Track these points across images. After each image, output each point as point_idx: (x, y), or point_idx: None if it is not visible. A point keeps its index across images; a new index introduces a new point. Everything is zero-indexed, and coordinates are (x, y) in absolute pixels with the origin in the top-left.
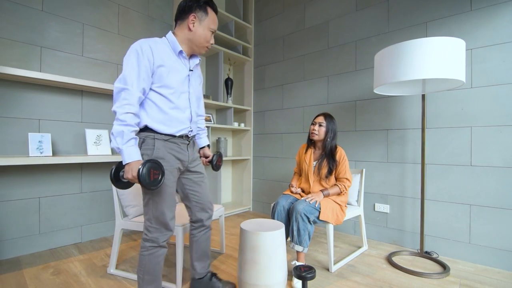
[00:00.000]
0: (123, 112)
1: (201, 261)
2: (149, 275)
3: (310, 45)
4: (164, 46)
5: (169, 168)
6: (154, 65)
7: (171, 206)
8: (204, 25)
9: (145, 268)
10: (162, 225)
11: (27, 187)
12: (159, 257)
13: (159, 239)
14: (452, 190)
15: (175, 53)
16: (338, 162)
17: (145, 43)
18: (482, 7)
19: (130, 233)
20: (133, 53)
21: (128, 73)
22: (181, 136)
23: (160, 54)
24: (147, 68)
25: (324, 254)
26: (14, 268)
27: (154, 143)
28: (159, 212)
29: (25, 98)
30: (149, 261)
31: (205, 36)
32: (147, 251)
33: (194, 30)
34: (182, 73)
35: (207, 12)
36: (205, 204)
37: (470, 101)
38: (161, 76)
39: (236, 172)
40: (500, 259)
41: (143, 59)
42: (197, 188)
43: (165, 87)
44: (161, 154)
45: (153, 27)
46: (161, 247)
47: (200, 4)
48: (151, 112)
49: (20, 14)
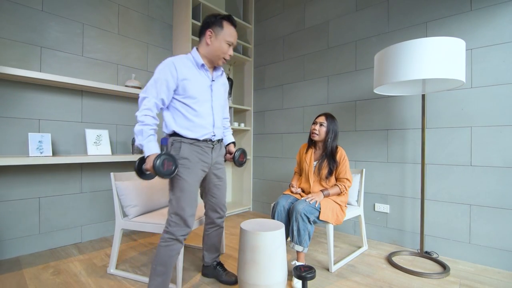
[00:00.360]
0: (142, 115)
1: (210, 252)
2: (161, 267)
3: (310, 45)
4: (188, 61)
5: (192, 167)
6: (178, 79)
7: (191, 204)
8: (220, 39)
9: (159, 259)
10: (182, 220)
11: (27, 187)
12: (173, 250)
13: (176, 233)
14: (452, 190)
15: (197, 66)
16: (338, 163)
17: (171, 61)
18: (482, 7)
19: (130, 233)
20: (159, 69)
21: (149, 85)
22: (205, 140)
23: (183, 70)
24: (168, 82)
25: (324, 254)
26: (14, 268)
27: (180, 146)
28: (179, 208)
29: (25, 98)
30: (164, 253)
31: (221, 49)
32: (164, 243)
33: (210, 44)
34: (204, 84)
35: (223, 26)
36: (218, 206)
37: (470, 101)
38: (185, 88)
39: (236, 172)
40: (500, 259)
41: (166, 74)
42: (215, 191)
43: (189, 97)
44: (186, 155)
45: (153, 27)
46: (178, 241)
47: (217, 20)
48: (178, 119)
49: (20, 14)
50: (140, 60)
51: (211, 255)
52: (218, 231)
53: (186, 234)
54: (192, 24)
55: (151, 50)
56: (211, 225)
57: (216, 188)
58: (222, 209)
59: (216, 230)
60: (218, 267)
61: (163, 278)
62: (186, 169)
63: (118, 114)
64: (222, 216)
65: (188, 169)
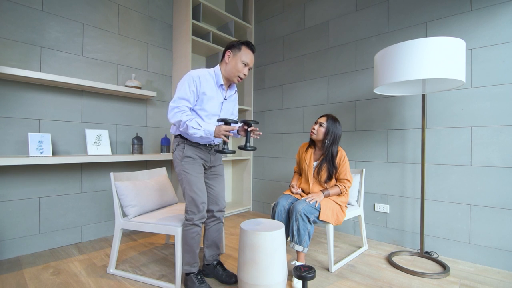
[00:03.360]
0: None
1: (210, 249)
2: (187, 246)
3: (310, 45)
4: (210, 78)
5: (194, 163)
6: (199, 92)
7: (200, 192)
8: (237, 58)
9: (184, 240)
10: (195, 207)
11: (27, 187)
12: (193, 233)
13: (193, 219)
14: (452, 190)
15: (217, 85)
16: (338, 165)
17: (196, 74)
18: (482, 7)
19: (130, 233)
20: (184, 79)
21: (177, 94)
22: (204, 145)
23: (204, 85)
24: (194, 92)
25: (324, 254)
26: (14, 268)
27: (184, 147)
28: (191, 197)
29: (25, 98)
30: (187, 235)
31: (237, 67)
32: (186, 227)
33: (228, 62)
34: (218, 101)
35: (241, 48)
36: (217, 198)
37: (470, 101)
38: (202, 101)
39: (236, 172)
40: (500, 259)
41: (190, 84)
42: (213, 182)
43: (203, 110)
44: (189, 154)
45: (153, 27)
46: (195, 225)
47: (237, 44)
48: None
49: (20, 14)
50: (140, 60)
51: (211, 252)
52: (218, 225)
53: (201, 219)
54: (192, 24)
55: (151, 50)
56: (211, 219)
57: (214, 180)
58: (222, 202)
59: (216, 224)
60: (218, 267)
61: (190, 255)
62: (189, 165)
63: (118, 114)
64: (222, 210)
65: (191, 165)
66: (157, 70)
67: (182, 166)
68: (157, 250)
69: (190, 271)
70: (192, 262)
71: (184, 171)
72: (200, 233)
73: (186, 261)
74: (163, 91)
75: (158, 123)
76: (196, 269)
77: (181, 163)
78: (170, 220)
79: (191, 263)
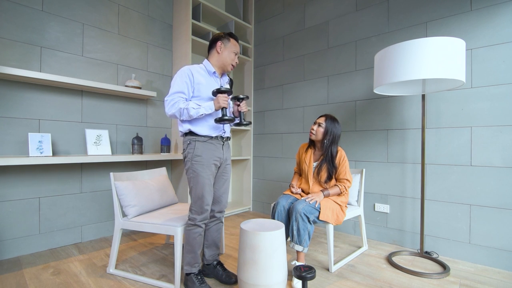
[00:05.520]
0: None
1: (210, 249)
2: (189, 246)
3: (310, 45)
4: (201, 70)
5: (205, 163)
6: (194, 83)
7: (207, 194)
8: (228, 49)
9: (187, 240)
10: (199, 208)
11: (27, 187)
12: (195, 234)
13: (196, 219)
14: (452, 190)
15: (209, 74)
16: (338, 165)
17: (187, 68)
18: (482, 7)
19: (130, 233)
20: (178, 75)
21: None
22: (216, 137)
23: (197, 76)
24: (187, 83)
25: (324, 254)
26: (14, 268)
27: (195, 145)
28: (197, 198)
29: (25, 98)
30: (189, 236)
31: (230, 56)
32: (188, 227)
33: (221, 52)
34: (214, 87)
35: (229, 39)
36: (220, 199)
37: (470, 101)
38: (199, 90)
39: (236, 172)
40: (500, 259)
41: (184, 77)
42: (219, 183)
43: (203, 99)
44: (199, 152)
45: (153, 27)
46: (197, 226)
47: (224, 35)
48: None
49: (20, 14)
50: (140, 60)
51: (211, 252)
52: (218, 225)
53: (203, 220)
54: (192, 24)
55: (151, 50)
56: (212, 219)
57: (220, 181)
58: (223, 202)
59: (216, 224)
60: (218, 267)
61: (192, 255)
62: (200, 165)
63: (118, 114)
64: (223, 210)
65: (202, 165)
66: (157, 70)
67: (192, 166)
68: (157, 250)
69: (191, 271)
70: (193, 262)
71: (193, 171)
72: (202, 234)
73: (187, 261)
74: (163, 91)
75: (158, 123)
76: (196, 269)
77: (191, 162)
78: (170, 220)
79: (192, 264)
